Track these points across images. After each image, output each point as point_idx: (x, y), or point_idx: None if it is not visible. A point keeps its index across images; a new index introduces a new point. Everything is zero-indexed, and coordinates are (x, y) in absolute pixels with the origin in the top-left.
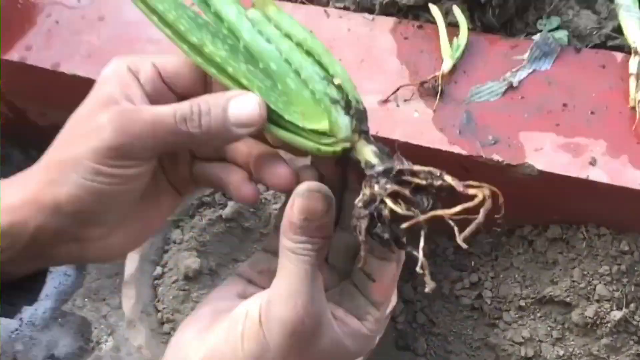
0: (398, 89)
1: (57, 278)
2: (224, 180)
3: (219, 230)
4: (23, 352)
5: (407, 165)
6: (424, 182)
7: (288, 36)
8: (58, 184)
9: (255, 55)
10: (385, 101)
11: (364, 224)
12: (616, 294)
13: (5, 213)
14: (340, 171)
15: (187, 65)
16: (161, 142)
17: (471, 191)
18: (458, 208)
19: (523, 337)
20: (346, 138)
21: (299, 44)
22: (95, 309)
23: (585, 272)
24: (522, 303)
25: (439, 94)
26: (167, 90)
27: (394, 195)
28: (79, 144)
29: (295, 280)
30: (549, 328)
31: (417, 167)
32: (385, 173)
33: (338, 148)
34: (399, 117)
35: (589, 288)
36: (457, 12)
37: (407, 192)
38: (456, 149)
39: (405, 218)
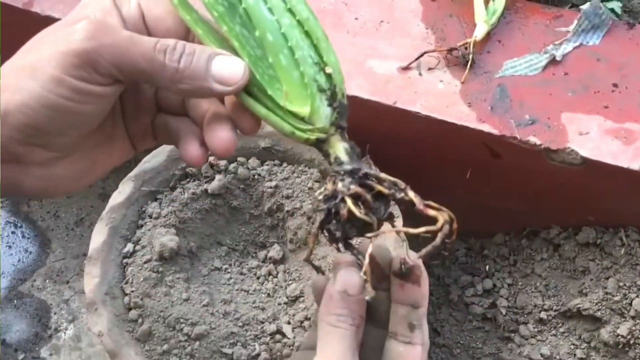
0: (422, 55)
1: (16, 254)
2: (178, 134)
3: (202, 206)
4: None
5: (374, 170)
6: (386, 191)
7: (291, 12)
8: (11, 90)
9: (253, 22)
10: (407, 68)
11: (319, 217)
12: None
13: None
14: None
15: (173, 16)
16: (132, 63)
17: (431, 212)
18: (422, 229)
19: (542, 355)
20: (323, 129)
21: (300, 23)
22: (56, 291)
23: (621, 284)
24: (542, 315)
25: (469, 64)
26: (145, 33)
27: (355, 197)
28: (45, 50)
29: (338, 353)
30: (572, 346)
31: (383, 175)
32: (352, 173)
33: (313, 137)
34: (421, 87)
35: (624, 302)
36: None
37: (369, 196)
38: (486, 127)
39: (361, 222)
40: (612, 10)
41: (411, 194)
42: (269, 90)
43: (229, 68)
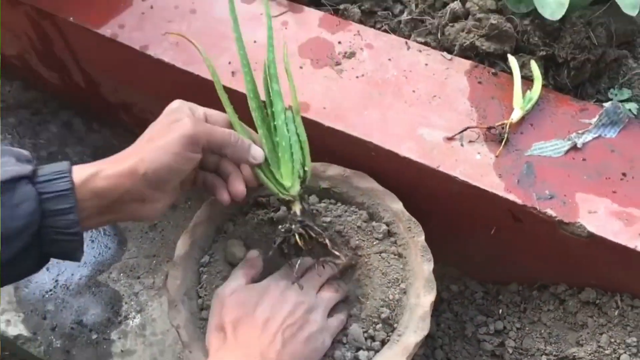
0: (465, 129)
1: (97, 248)
2: (214, 184)
3: (267, 231)
4: (53, 313)
5: (312, 223)
6: (313, 235)
7: (297, 135)
8: (151, 161)
9: (277, 132)
10: (451, 139)
11: (279, 240)
12: None
13: (105, 179)
14: None
15: (222, 118)
16: (214, 141)
17: (336, 252)
18: (339, 262)
19: None
20: (293, 196)
21: (300, 141)
22: (128, 285)
23: (612, 340)
24: (543, 359)
25: (504, 142)
26: None
27: (300, 234)
28: (168, 135)
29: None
30: None
31: (316, 228)
32: (300, 222)
33: (287, 198)
34: (461, 156)
35: (613, 356)
36: (534, 67)
37: (306, 236)
38: (512, 197)
39: (299, 247)
40: (630, 110)
41: (327, 241)
42: (274, 169)
43: (257, 152)
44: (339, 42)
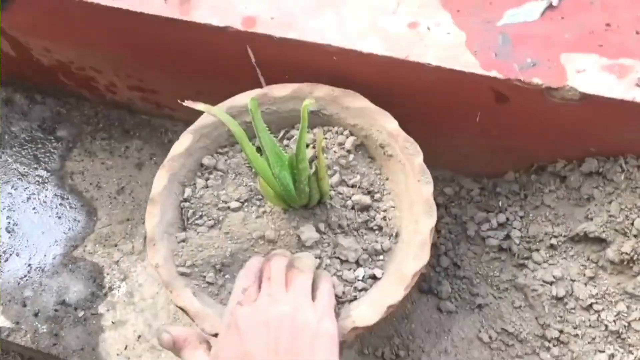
0: None
1: (65, 223)
2: None
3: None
4: (33, 298)
5: None
6: None
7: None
8: None
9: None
10: (416, 23)
11: None
12: None
13: None
14: None
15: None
16: None
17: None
18: None
19: (554, 277)
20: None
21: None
22: (107, 254)
23: (623, 206)
24: (553, 242)
25: None
26: None
27: None
28: None
29: None
30: (581, 267)
31: None
32: None
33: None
34: (430, 40)
35: (626, 222)
36: None
37: None
38: (492, 73)
39: None
40: None
41: None
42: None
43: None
44: None
